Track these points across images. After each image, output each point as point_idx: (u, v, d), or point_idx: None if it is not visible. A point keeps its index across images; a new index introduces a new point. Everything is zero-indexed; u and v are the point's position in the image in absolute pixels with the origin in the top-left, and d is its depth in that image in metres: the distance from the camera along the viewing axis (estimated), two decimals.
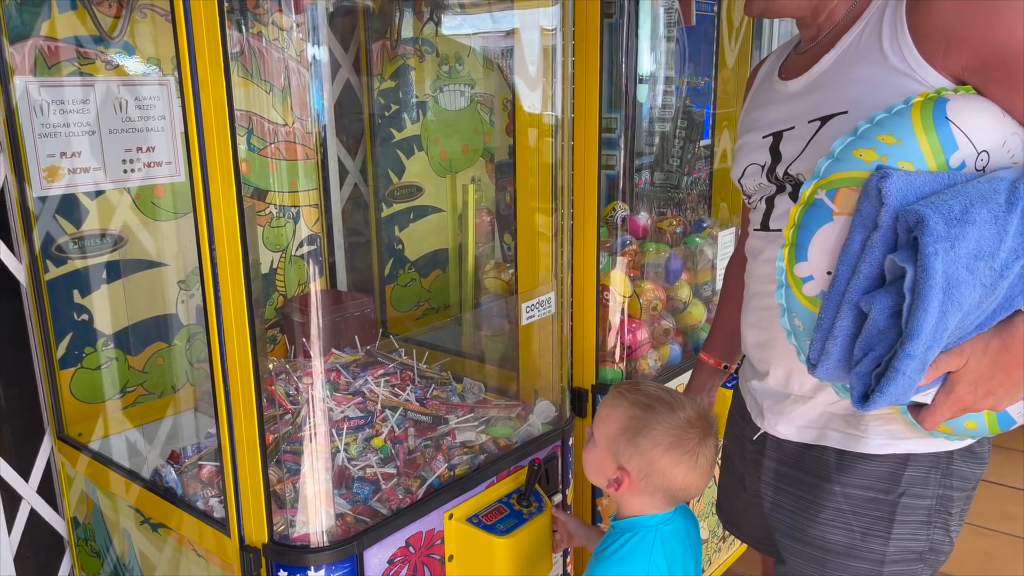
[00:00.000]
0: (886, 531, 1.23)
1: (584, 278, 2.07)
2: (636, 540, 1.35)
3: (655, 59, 2.74)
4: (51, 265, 1.93)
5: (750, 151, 1.33)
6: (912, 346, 0.95)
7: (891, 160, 1.02)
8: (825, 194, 1.06)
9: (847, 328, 1.03)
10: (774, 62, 1.40)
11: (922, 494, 1.22)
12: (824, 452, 1.28)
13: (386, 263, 2.69)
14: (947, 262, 0.93)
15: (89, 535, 2.01)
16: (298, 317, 2.30)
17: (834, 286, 1.04)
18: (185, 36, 1.23)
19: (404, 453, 1.80)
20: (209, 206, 1.30)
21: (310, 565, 1.43)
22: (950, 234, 0.93)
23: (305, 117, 2.32)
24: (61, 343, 1.97)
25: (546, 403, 1.97)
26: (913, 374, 0.97)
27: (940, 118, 1.01)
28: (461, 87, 2.76)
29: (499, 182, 2.86)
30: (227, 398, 1.39)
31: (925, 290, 0.93)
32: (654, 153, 2.87)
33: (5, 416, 1.94)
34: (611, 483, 1.35)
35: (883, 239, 0.99)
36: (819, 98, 1.21)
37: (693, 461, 1.32)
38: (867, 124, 1.06)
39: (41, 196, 1.89)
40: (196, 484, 1.69)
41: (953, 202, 0.95)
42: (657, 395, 1.36)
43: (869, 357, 1.01)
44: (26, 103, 1.83)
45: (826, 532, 1.27)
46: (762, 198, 1.33)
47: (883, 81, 1.12)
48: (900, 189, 0.97)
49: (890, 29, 1.13)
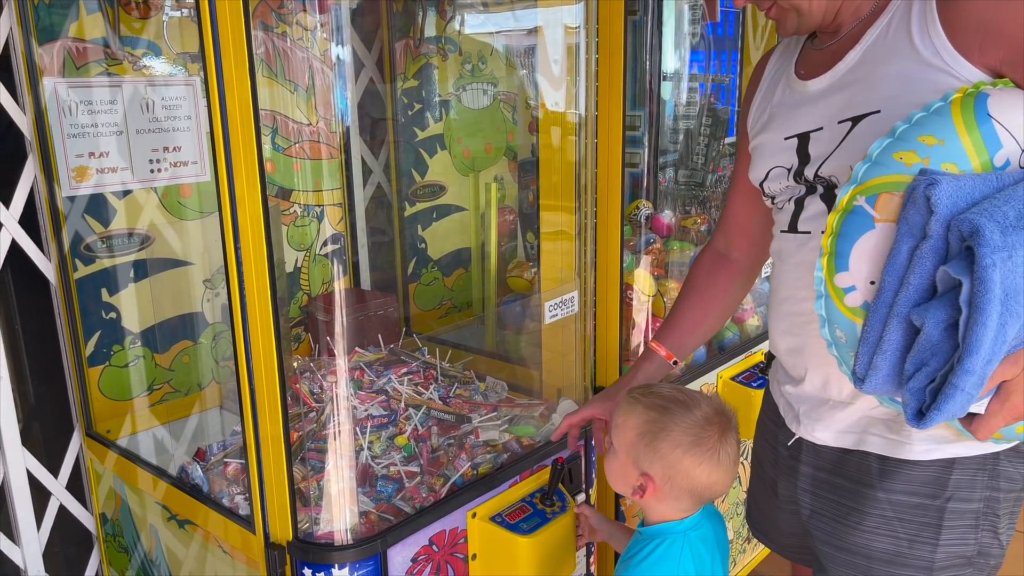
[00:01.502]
0: (934, 537, 1.20)
1: (608, 277, 2.06)
2: (664, 547, 1.32)
3: (679, 56, 2.72)
4: (80, 264, 1.95)
5: (773, 153, 1.29)
6: (971, 361, 0.91)
7: (934, 162, 0.98)
8: (865, 200, 1.02)
9: (896, 342, 0.99)
10: (787, 56, 1.35)
11: (969, 497, 1.19)
12: (865, 457, 1.24)
13: (409, 262, 2.69)
14: (1005, 272, 0.89)
15: (117, 531, 2.04)
16: (322, 316, 2.31)
17: (880, 297, 1.00)
18: (211, 37, 1.24)
19: (427, 451, 1.80)
20: (234, 205, 1.31)
21: (334, 563, 1.44)
22: (1007, 243, 0.89)
23: (329, 116, 2.33)
24: (90, 341, 1.99)
25: (569, 402, 1.96)
26: (972, 389, 0.93)
27: (982, 115, 0.98)
28: (484, 86, 2.76)
29: (522, 180, 2.86)
30: (252, 396, 1.40)
31: (983, 303, 0.89)
32: (678, 151, 2.85)
33: (35, 413, 1.96)
34: (635, 490, 1.32)
35: (934, 249, 0.95)
36: (847, 97, 1.17)
37: (715, 459, 1.29)
38: (905, 124, 1.01)
39: (70, 196, 1.91)
40: (222, 481, 1.71)
41: (1007, 208, 0.91)
42: (671, 395, 1.33)
43: (923, 372, 0.97)
44: (55, 104, 1.86)
45: (871, 540, 1.24)
46: (790, 199, 1.29)
47: (917, 77, 1.08)
48: (950, 196, 0.93)
49: (920, 23, 1.09)
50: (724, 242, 1.57)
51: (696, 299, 1.56)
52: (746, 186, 1.44)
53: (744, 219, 1.52)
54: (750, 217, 1.49)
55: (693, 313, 1.55)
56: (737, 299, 1.60)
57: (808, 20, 1.22)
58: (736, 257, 1.55)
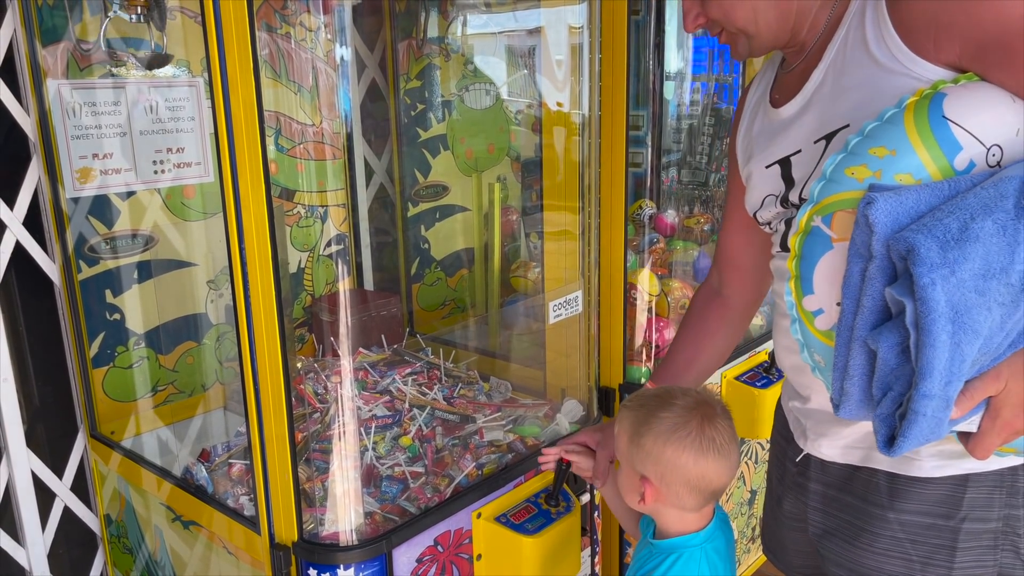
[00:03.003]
0: (948, 560, 1.13)
1: (611, 277, 2.06)
2: (683, 562, 1.29)
3: (682, 56, 2.72)
4: (84, 265, 1.96)
5: (762, 181, 1.25)
6: (927, 385, 0.86)
7: (886, 175, 0.93)
8: (821, 220, 0.98)
9: (862, 366, 0.95)
10: (763, 84, 1.33)
11: (986, 516, 1.12)
12: (873, 475, 1.19)
13: (412, 262, 2.69)
14: (949, 290, 0.84)
15: (121, 532, 2.04)
16: (326, 316, 2.31)
17: (842, 321, 0.96)
18: (215, 39, 1.24)
19: (432, 452, 1.80)
20: (239, 206, 1.31)
21: (339, 563, 1.44)
22: (947, 259, 0.84)
23: (332, 117, 2.33)
24: (94, 342, 2.00)
25: (573, 402, 1.96)
26: (936, 413, 0.88)
27: (936, 118, 0.92)
28: (486, 86, 2.76)
29: (525, 180, 2.86)
30: (257, 396, 1.40)
31: (928, 324, 0.85)
32: (681, 150, 2.85)
33: (39, 415, 1.97)
34: (640, 499, 1.31)
35: (880, 270, 0.90)
36: (818, 115, 1.13)
37: (698, 444, 1.24)
38: (858, 137, 0.97)
39: (74, 197, 1.91)
40: (226, 482, 1.71)
41: (949, 220, 0.86)
42: (653, 394, 1.31)
43: (888, 398, 0.93)
44: (59, 105, 1.86)
45: (882, 563, 1.18)
46: (781, 220, 1.25)
47: (878, 84, 1.04)
48: (888, 214, 0.88)
49: (874, 29, 1.05)
50: (717, 279, 1.53)
51: (688, 338, 1.53)
52: (738, 219, 1.41)
53: (736, 253, 1.48)
54: (742, 251, 1.46)
55: (685, 354, 1.52)
56: (731, 338, 1.55)
57: (759, 42, 1.18)
58: (727, 294, 1.51)
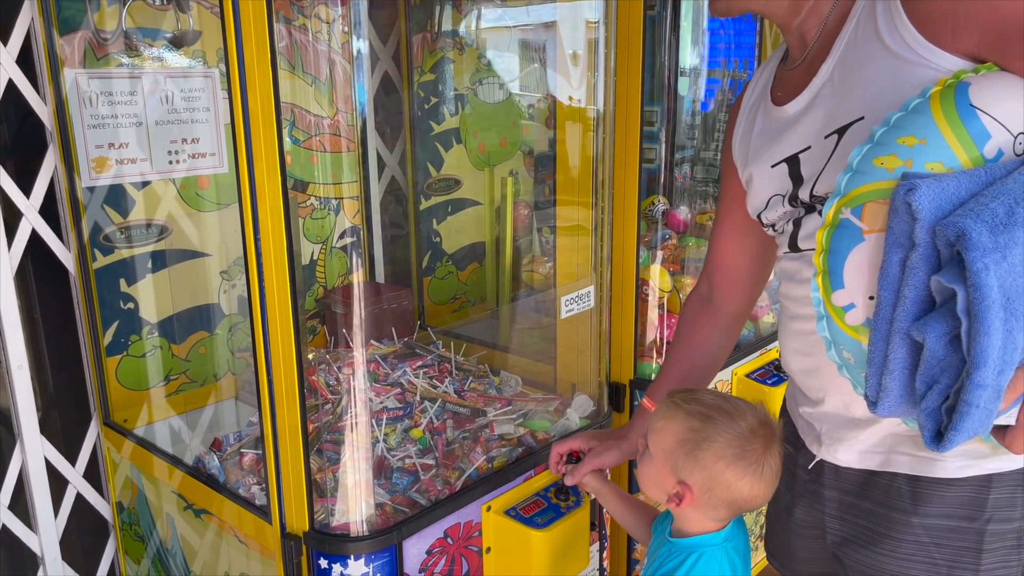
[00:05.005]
0: (974, 562, 1.12)
1: (623, 272, 2.06)
2: (704, 561, 1.28)
3: (696, 51, 2.71)
4: (99, 254, 1.97)
5: (767, 181, 1.23)
6: (981, 374, 0.84)
7: (917, 164, 0.91)
8: (850, 212, 0.96)
9: (903, 360, 0.92)
10: (761, 86, 1.30)
11: (1010, 516, 1.10)
12: (894, 479, 1.16)
13: (424, 255, 2.70)
14: (1001, 275, 0.83)
15: (133, 519, 2.05)
16: (338, 308, 2.32)
17: (879, 314, 0.93)
18: (233, 30, 1.24)
19: (443, 444, 1.81)
20: (254, 197, 1.31)
21: (350, 554, 1.45)
22: (998, 243, 0.83)
23: (347, 110, 2.33)
24: (108, 331, 2.01)
25: (584, 397, 1.96)
26: (989, 404, 0.86)
27: (964, 106, 0.91)
28: (500, 80, 2.75)
29: (537, 175, 2.85)
30: (270, 387, 1.41)
31: (982, 311, 0.83)
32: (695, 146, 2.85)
33: (53, 402, 1.98)
34: (671, 498, 1.28)
35: (924, 258, 0.88)
36: (829, 109, 1.11)
37: (759, 473, 1.22)
38: (884, 127, 0.95)
39: (89, 186, 1.92)
40: (238, 471, 1.72)
41: (995, 204, 0.85)
42: (715, 404, 1.26)
43: (935, 391, 0.91)
44: (75, 94, 1.87)
45: (907, 568, 1.16)
46: (788, 221, 1.23)
47: (895, 75, 1.02)
48: (932, 200, 0.87)
49: (886, 22, 1.04)
50: (706, 286, 1.50)
51: (681, 350, 1.51)
52: (730, 224, 1.39)
53: (726, 259, 1.45)
54: (733, 256, 1.44)
55: (679, 367, 1.50)
56: (724, 348, 1.53)
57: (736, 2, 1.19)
58: (718, 301, 1.48)
